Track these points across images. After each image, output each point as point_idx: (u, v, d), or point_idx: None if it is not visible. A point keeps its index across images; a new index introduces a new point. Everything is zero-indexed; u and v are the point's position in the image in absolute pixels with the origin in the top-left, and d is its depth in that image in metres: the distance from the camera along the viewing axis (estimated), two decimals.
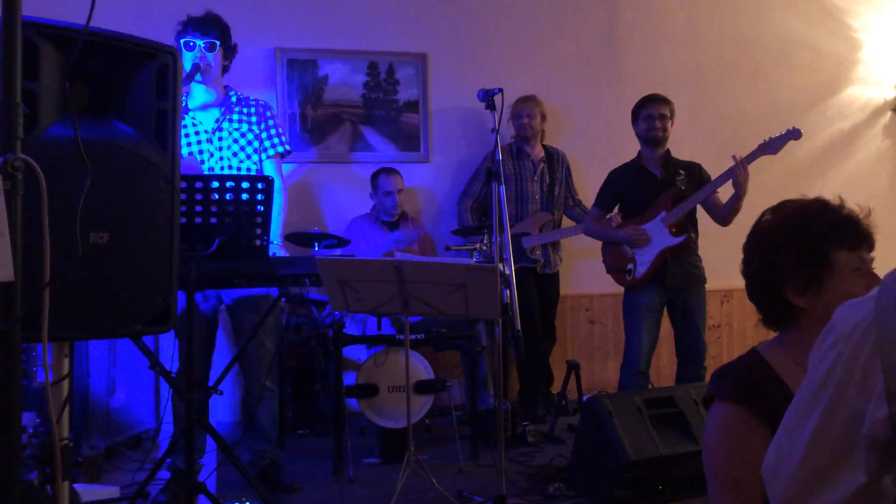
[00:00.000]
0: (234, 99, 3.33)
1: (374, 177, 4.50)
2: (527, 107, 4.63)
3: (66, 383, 1.92)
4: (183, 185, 2.35)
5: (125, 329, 1.86)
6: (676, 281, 3.78)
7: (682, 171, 3.86)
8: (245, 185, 2.53)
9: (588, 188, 5.01)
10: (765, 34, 5.59)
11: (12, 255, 1.48)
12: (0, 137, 1.51)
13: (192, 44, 3.17)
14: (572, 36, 5.23)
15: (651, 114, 3.83)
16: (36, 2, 1.83)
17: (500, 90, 3.03)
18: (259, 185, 2.54)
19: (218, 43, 3.21)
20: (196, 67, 3.12)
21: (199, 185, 2.48)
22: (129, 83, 1.86)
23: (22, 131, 1.53)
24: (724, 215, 3.79)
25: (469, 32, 5.04)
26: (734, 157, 3.68)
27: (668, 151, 3.91)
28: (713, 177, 3.86)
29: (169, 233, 1.89)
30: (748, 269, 1.50)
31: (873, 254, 1.43)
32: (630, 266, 3.86)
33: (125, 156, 1.80)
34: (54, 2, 2.63)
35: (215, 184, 2.50)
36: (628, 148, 4.51)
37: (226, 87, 3.35)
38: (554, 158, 4.76)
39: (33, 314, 1.57)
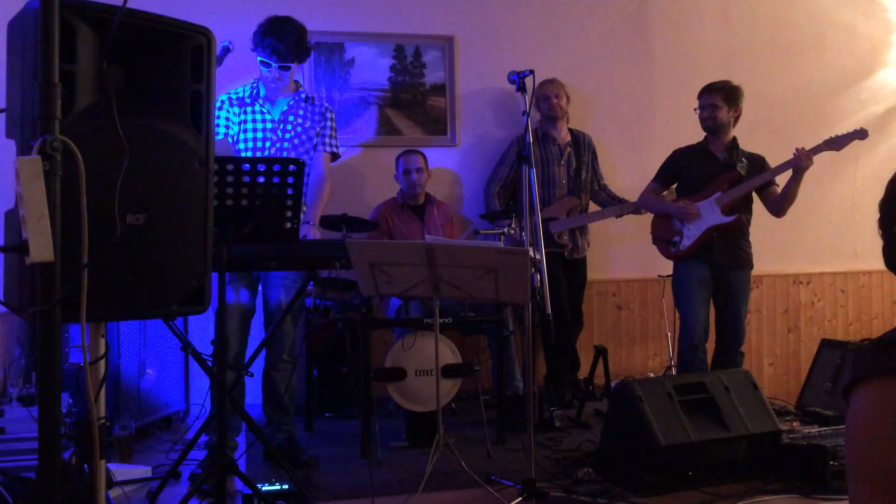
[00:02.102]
0: (303, 96, 3.47)
1: (397, 158, 4.51)
2: (553, 87, 4.60)
3: (102, 363, 1.94)
4: (214, 167, 2.36)
5: (161, 310, 1.87)
6: (721, 258, 3.86)
7: (744, 160, 3.96)
8: (276, 168, 2.52)
9: (617, 172, 4.97)
10: (798, 15, 5.48)
11: (52, 236, 1.48)
12: (38, 118, 1.52)
13: (268, 63, 3.29)
14: (601, 17, 5.16)
15: (701, 104, 3.99)
16: None
17: (532, 72, 3.00)
18: (290, 168, 2.53)
19: (293, 65, 3.34)
20: (226, 49, 3.16)
21: (230, 167, 2.48)
22: (164, 64, 1.85)
23: (60, 112, 1.53)
24: (779, 204, 3.90)
25: (495, 14, 4.99)
26: (797, 149, 3.77)
27: (734, 139, 4.02)
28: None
29: (203, 214, 1.89)
30: (882, 232, 1.25)
31: None
32: (676, 238, 3.97)
33: (160, 137, 1.80)
34: None
35: (246, 167, 2.50)
36: (658, 131, 4.47)
37: (297, 81, 3.50)
38: (580, 142, 4.71)
39: (70, 295, 1.58)
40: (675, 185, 4.19)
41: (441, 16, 4.89)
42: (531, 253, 2.83)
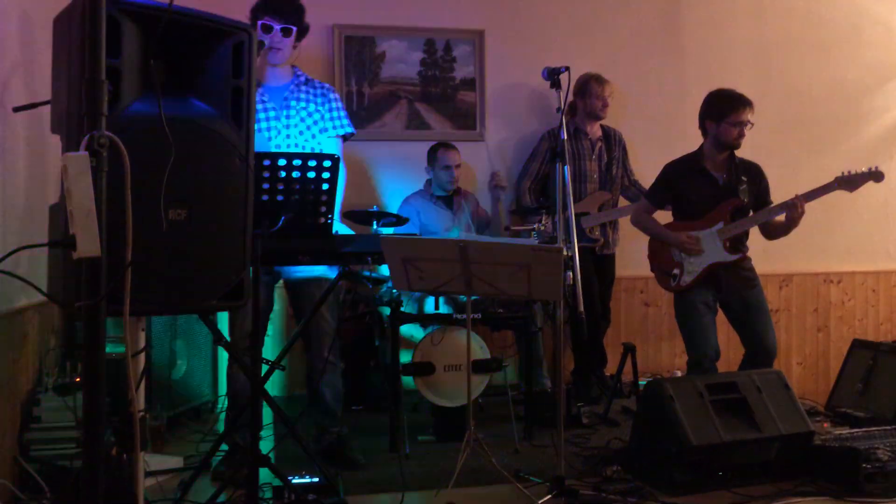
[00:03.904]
0: (302, 79, 3.37)
1: (433, 150, 4.50)
2: (609, 88, 4.56)
3: (142, 356, 1.97)
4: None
5: (201, 304, 1.89)
6: (731, 289, 3.68)
7: (744, 178, 3.68)
8: (312, 163, 2.53)
9: (646, 168, 4.91)
10: (833, 9, 5.39)
11: (98, 232, 1.50)
12: (85, 115, 1.54)
13: (269, 26, 3.19)
14: (633, 11, 5.11)
15: (741, 120, 3.58)
16: None
17: (567, 68, 2.97)
18: (325, 164, 2.54)
19: (294, 28, 3.24)
20: (260, 44, 3.14)
21: (266, 162, 2.49)
22: (206, 60, 1.87)
23: (106, 108, 1.55)
24: (772, 234, 3.74)
25: (525, 8, 4.97)
26: (796, 196, 3.53)
27: (732, 152, 3.71)
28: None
29: (243, 210, 1.91)
30: None
31: None
32: (676, 271, 3.73)
33: (203, 133, 1.82)
34: None
35: (282, 161, 2.51)
36: (689, 128, 4.39)
37: (293, 67, 3.39)
38: (611, 137, 4.69)
39: (114, 289, 1.60)
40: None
41: (471, 10, 4.88)
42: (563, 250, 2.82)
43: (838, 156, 5.19)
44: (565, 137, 2.92)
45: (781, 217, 3.64)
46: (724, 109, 3.62)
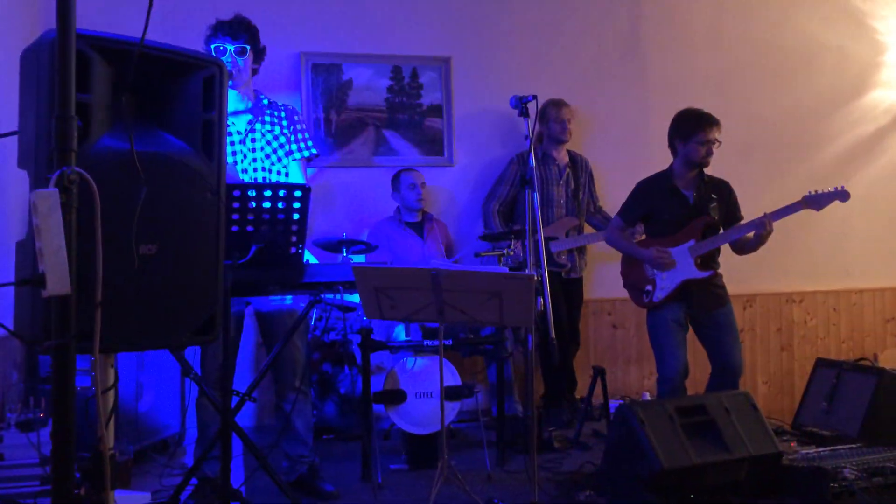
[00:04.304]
0: (265, 102, 3.34)
1: (395, 176, 4.55)
2: (568, 111, 4.65)
3: (111, 393, 1.93)
4: None
5: (173, 340, 1.87)
6: (702, 304, 3.73)
7: (714, 196, 3.75)
8: (282, 193, 2.53)
9: (611, 193, 4.99)
10: (788, 37, 5.55)
11: (68, 269, 1.48)
12: (55, 150, 1.52)
13: (222, 48, 3.17)
14: (595, 39, 5.21)
15: (709, 139, 3.65)
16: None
17: (535, 97, 3.01)
18: (296, 194, 2.54)
19: (248, 47, 3.22)
20: (230, 75, 3.12)
21: (236, 193, 2.48)
22: (177, 94, 1.86)
23: (76, 144, 1.53)
24: (740, 250, 3.82)
25: (491, 36, 5.04)
26: (765, 214, 3.61)
27: (701, 171, 3.78)
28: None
29: (215, 243, 1.89)
30: None
31: None
32: (649, 287, 3.78)
33: (173, 167, 1.80)
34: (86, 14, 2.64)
35: (252, 192, 2.50)
36: (651, 153, 4.49)
37: (255, 90, 3.36)
38: (578, 164, 4.76)
39: (85, 326, 1.57)
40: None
41: (438, 37, 4.93)
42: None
43: (797, 179, 5.31)
44: (534, 164, 2.96)
45: (751, 234, 3.71)
46: (692, 128, 3.69)
